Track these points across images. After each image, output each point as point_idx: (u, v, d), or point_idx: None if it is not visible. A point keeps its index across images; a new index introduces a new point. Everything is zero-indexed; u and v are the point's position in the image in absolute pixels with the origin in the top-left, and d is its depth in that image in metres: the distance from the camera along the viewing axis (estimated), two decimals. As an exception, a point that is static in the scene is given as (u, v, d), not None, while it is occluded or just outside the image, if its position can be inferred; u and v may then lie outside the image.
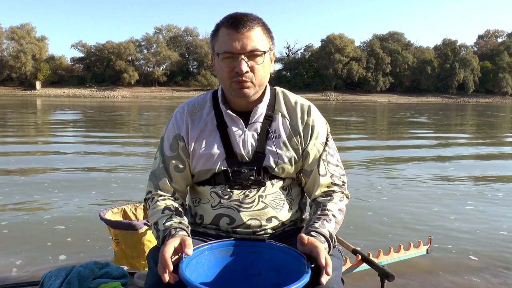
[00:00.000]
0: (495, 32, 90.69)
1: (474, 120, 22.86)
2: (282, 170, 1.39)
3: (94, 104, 34.85)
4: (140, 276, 2.21)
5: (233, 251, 1.22)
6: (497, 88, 78.94)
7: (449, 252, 3.27)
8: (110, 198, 4.68)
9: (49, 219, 3.90)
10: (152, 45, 74.25)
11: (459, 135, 14.03)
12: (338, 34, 76.00)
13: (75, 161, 7.28)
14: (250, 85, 1.31)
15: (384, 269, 1.80)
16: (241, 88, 1.31)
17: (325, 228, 1.28)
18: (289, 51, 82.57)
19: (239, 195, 1.36)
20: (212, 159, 1.38)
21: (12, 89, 65.04)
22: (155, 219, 1.33)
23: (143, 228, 2.41)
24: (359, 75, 74.61)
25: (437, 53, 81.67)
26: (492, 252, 3.28)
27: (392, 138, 12.92)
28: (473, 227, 3.90)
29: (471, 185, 5.80)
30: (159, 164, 1.42)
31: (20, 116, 19.67)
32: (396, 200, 4.85)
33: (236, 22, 1.28)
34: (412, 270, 2.86)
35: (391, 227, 3.87)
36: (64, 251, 3.15)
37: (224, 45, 1.29)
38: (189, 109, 1.45)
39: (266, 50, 1.32)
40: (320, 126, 1.43)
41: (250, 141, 1.38)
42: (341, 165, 1.46)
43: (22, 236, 3.47)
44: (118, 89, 67.83)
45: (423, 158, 8.32)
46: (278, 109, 1.43)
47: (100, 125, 15.89)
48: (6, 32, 68.50)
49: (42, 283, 1.99)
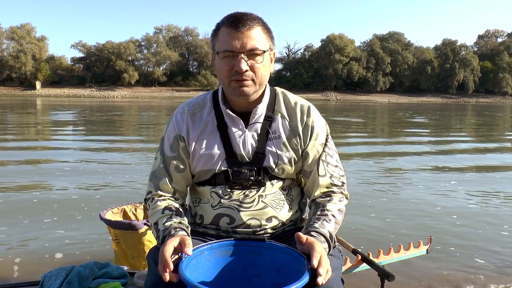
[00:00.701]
0: (495, 32, 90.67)
1: (473, 120, 22.86)
2: (282, 170, 1.39)
3: (94, 104, 34.84)
4: (140, 276, 2.21)
5: (233, 251, 1.22)
6: (497, 88, 78.91)
7: (449, 252, 3.27)
8: (110, 198, 4.68)
9: (49, 220, 3.90)
10: (152, 45, 74.24)
11: (459, 134, 14.02)
12: (338, 34, 75.99)
13: (75, 161, 7.29)
14: (250, 83, 1.31)
15: (384, 269, 1.80)
16: (241, 87, 1.31)
17: (325, 228, 1.28)
18: (289, 51, 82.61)
19: (239, 195, 1.37)
20: (212, 160, 1.38)
21: (12, 89, 65.02)
22: (155, 219, 1.33)
23: (143, 228, 2.41)
24: (359, 75, 74.57)
25: (437, 53, 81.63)
26: (493, 252, 3.28)
27: (392, 138, 12.91)
28: (473, 227, 3.90)
29: (471, 184, 5.80)
30: (160, 164, 1.42)
31: (20, 116, 19.65)
32: (396, 200, 4.85)
33: (236, 21, 1.28)
34: (412, 270, 2.86)
35: (391, 227, 3.87)
36: (64, 251, 3.15)
37: (224, 44, 1.29)
38: (189, 109, 1.45)
39: (266, 50, 1.32)
40: (320, 127, 1.44)
41: (250, 142, 1.38)
42: (340, 166, 1.46)
43: (22, 236, 3.47)
44: (118, 89, 67.80)
45: (423, 158, 8.32)
46: (278, 109, 1.43)
47: (99, 124, 15.89)
48: (6, 32, 68.50)
49: (42, 283, 1.99)
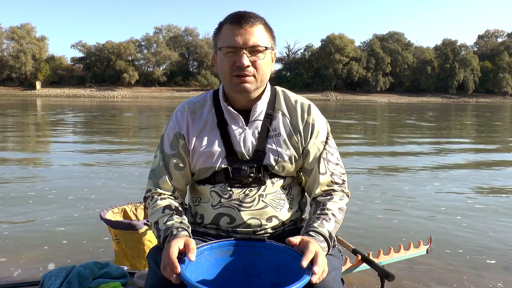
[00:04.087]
0: (495, 32, 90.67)
1: (471, 121, 22.86)
2: (282, 168, 1.39)
3: (94, 104, 34.82)
4: (140, 276, 2.21)
5: (233, 251, 1.21)
6: (497, 88, 78.89)
7: (449, 252, 3.26)
8: (110, 198, 4.67)
9: (49, 220, 3.89)
10: (152, 45, 74.21)
11: (459, 134, 14.02)
12: (338, 34, 75.94)
13: (75, 161, 7.29)
14: (252, 79, 1.32)
15: (384, 269, 1.80)
16: (242, 83, 1.31)
17: (324, 227, 1.28)
18: (289, 51, 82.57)
19: (239, 194, 1.36)
20: (212, 157, 1.38)
21: (12, 89, 65.03)
22: (156, 218, 1.33)
23: (143, 228, 2.41)
24: (359, 75, 74.56)
25: (437, 53, 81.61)
26: (494, 252, 3.28)
27: (392, 137, 12.92)
28: (473, 227, 3.90)
29: (471, 185, 5.79)
30: (159, 162, 1.42)
31: (20, 117, 19.64)
32: (396, 200, 4.85)
33: (240, 18, 1.30)
34: (412, 270, 2.86)
35: (391, 227, 3.87)
36: (64, 251, 3.15)
37: (227, 40, 1.30)
38: (189, 107, 1.45)
39: (268, 47, 1.33)
40: (320, 124, 1.44)
41: (251, 139, 1.38)
42: (341, 164, 1.46)
43: (22, 236, 3.47)
44: (118, 89, 67.79)
45: (424, 158, 8.32)
46: (279, 107, 1.43)
47: (98, 124, 15.89)
48: (6, 32, 68.50)
49: (42, 283, 1.99)
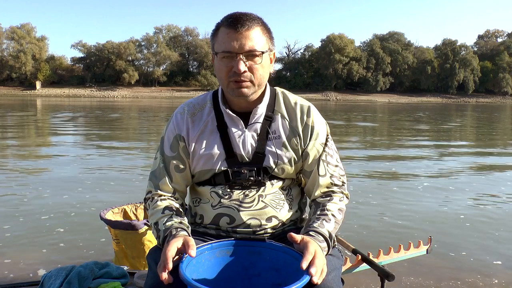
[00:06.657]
0: (495, 32, 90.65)
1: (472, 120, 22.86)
2: (282, 170, 1.39)
3: (94, 104, 34.81)
4: (140, 276, 2.21)
5: (233, 251, 1.22)
6: (497, 88, 78.89)
7: (450, 252, 3.26)
8: (110, 198, 4.68)
9: (49, 220, 3.90)
10: (152, 45, 74.24)
11: (460, 134, 14.02)
12: (338, 34, 76.00)
13: (75, 160, 7.29)
14: (249, 84, 1.31)
15: (384, 269, 1.80)
16: (239, 88, 1.31)
17: (324, 227, 1.28)
18: (289, 51, 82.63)
19: (239, 195, 1.37)
20: (212, 160, 1.38)
21: (12, 89, 65.06)
22: (155, 219, 1.33)
23: (143, 228, 2.42)
24: (359, 75, 74.57)
25: (437, 53, 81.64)
26: (494, 252, 3.28)
27: (392, 138, 12.92)
28: (473, 227, 3.90)
29: (471, 184, 5.80)
30: (159, 164, 1.42)
31: (20, 117, 19.65)
32: (396, 200, 4.85)
33: (235, 21, 1.28)
34: (412, 270, 2.86)
35: (391, 227, 3.87)
36: (64, 251, 3.15)
37: (223, 45, 1.29)
38: (189, 109, 1.45)
39: (265, 50, 1.31)
40: (320, 127, 1.43)
41: (250, 142, 1.38)
42: (340, 166, 1.46)
43: (22, 236, 3.47)
44: (118, 89, 67.81)
45: (424, 157, 8.32)
46: (278, 109, 1.43)
47: (97, 123, 15.89)
48: (6, 32, 68.55)
49: (42, 283, 1.99)
